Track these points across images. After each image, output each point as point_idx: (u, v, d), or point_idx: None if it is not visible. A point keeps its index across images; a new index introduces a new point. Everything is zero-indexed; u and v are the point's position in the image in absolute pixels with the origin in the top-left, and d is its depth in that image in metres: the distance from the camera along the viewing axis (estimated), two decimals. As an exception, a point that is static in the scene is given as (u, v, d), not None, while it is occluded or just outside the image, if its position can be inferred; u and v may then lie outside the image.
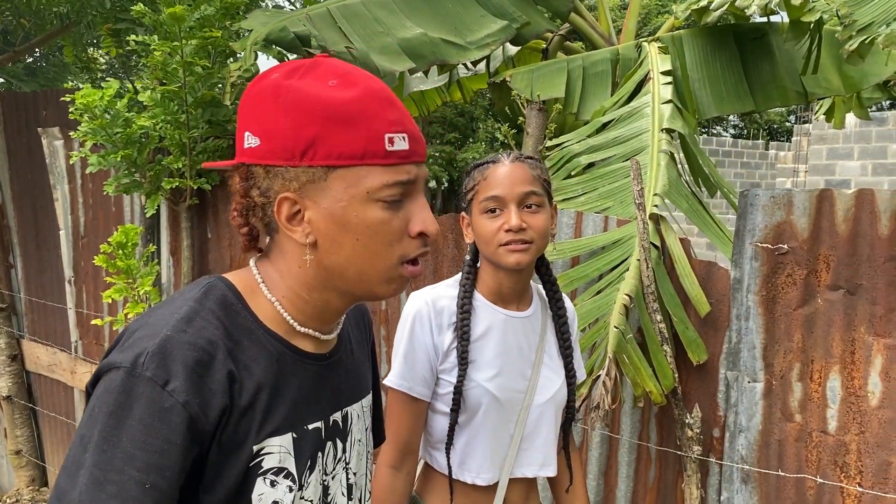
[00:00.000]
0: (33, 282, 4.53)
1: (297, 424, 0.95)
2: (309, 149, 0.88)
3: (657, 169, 2.34)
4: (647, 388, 1.96)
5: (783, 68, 3.30)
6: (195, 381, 0.85)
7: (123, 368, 0.85)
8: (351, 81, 0.90)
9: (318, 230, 0.91)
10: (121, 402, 0.83)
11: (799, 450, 1.99)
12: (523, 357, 1.58)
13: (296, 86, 0.89)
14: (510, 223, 1.47)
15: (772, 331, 2.01)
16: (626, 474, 2.31)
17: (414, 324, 1.53)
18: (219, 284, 0.94)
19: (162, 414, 0.83)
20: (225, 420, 0.88)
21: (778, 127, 20.34)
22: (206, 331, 0.88)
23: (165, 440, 0.83)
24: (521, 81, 3.02)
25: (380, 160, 0.89)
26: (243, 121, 0.93)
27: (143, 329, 0.88)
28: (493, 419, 1.54)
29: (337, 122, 0.88)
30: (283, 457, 0.93)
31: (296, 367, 0.96)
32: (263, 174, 0.91)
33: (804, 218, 1.95)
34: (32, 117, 4.39)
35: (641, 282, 2.02)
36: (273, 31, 2.70)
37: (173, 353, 0.85)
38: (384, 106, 0.90)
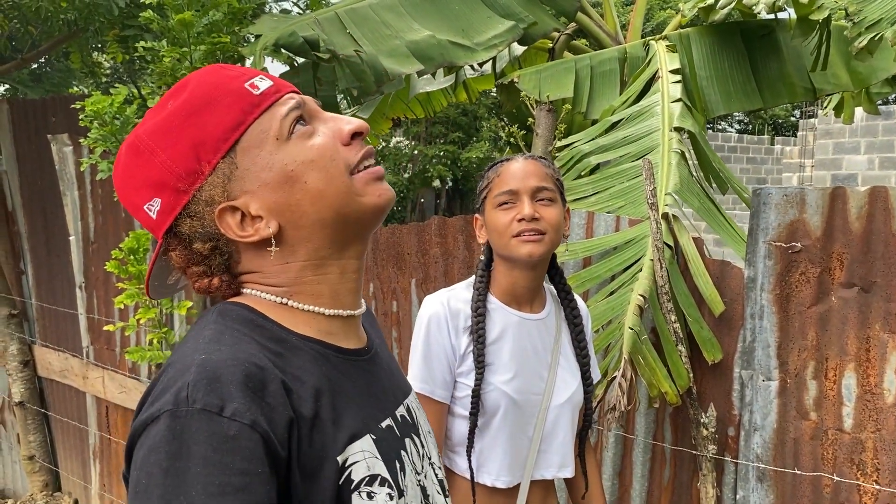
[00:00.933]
0: (44, 288, 4.55)
1: (370, 425, 0.85)
2: (198, 156, 0.82)
3: (668, 168, 2.34)
4: (663, 388, 1.96)
5: (791, 65, 3.29)
6: (252, 397, 0.73)
7: (164, 413, 0.72)
8: (182, 85, 0.86)
9: (270, 211, 0.83)
10: (174, 452, 0.70)
11: (815, 448, 1.99)
12: (539, 359, 1.58)
13: (143, 129, 0.84)
14: (523, 212, 1.49)
15: (786, 329, 2.01)
16: (641, 474, 2.31)
17: (430, 326, 1.54)
18: (229, 306, 0.86)
19: (230, 445, 0.70)
20: (296, 436, 0.76)
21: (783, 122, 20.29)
22: (241, 345, 0.79)
23: (243, 473, 0.70)
24: (529, 82, 3.02)
25: (259, 109, 0.84)
26: (133, 201, 0.86)
27: (169, 370, 0.77)
28: (511, 422, 1.54)
29: (195, 115, 0.82)
30: (371, 462, 0.82)
31: (343, 366, 0.87)
32: (188, 221, 0.84)
33: (817, 216, 1.95)
34: (42, 124, 4.41)
35: (655, 282, 2.02)
36: (282, 35, 2.70)
37: (218, 374, 0.73)
38: (222, 72, 0.86)
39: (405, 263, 2.79)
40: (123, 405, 3.90)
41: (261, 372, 0.76)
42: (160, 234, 0.85)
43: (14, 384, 4.52)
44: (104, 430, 4.12)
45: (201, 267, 0.86)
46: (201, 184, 0.83)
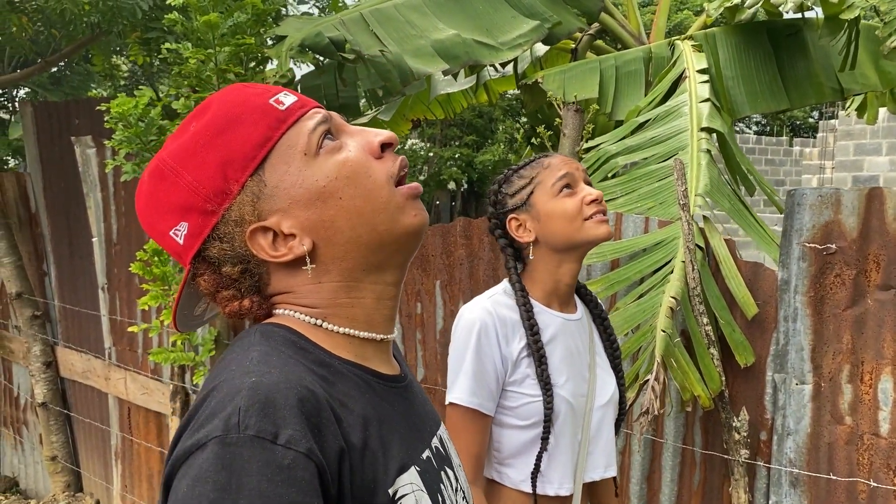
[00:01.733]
0: (67, 289, 4.58)
1: (414, 456, 0.82)
2: (227, 175, 0.79)
3: (698, 168, 2.31)
4: (696, 392, 1.93)
5: (818, 64, 3.25)
6: (307, 424, 0.69)
7: (213, 440, 0.66)
8: (204, 105, 0.83)
9: (304, 229, 0.80)
10: (224, 483, 0.65)
11: (850, 453, 1.96)
12: (582, 360, 1.56)
13: (167, 152, 0.82)
14: (592, 194, 1.49)
15: (820, 332, 1.98)
16: (671, 478, 2.28)
17: (480, 337, 1.47)
18: (270, 327, 0.81)
19: (285, 475, 0.66)
20: (347, 467, 0.72)
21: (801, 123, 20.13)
22: (290, 367, 0.74)
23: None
24: (554, 82, 3.00)
25: (285, 125, 0.81)
26: (159, 228, 0.83)
27: (216, 393, 0.71)
28: (569, 427, 1.51)
29: (223, 133, 0.80)
30: (419, 495, 0.79)
31: (385, 393, 0.83)
32: (217, 244, 0.81)
33: (853, 217, 1.92)
34: (65, 126, 4.44)
35: (687, 284, 1.99)
36: (308, 36, 2.70)
37: (271, 399, 0.68)
38: (245, 90, 0.83)
39: (430, 265, 2.78)
40: (145, 406, 3.92)
41: (313, 397, 0.72)
42: (188, 259, 0.82)
43: (37, 385, 4.55)
44: (126, 431, 4.13)
45: (231, 291, 0.83)
46: (230, 204, 0.80)
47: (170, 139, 0.84)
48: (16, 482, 5.26)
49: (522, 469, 1.51)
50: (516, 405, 1.49)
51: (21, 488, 5.22)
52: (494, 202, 1.59)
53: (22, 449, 5.17)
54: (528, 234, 1.54)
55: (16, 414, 5.18)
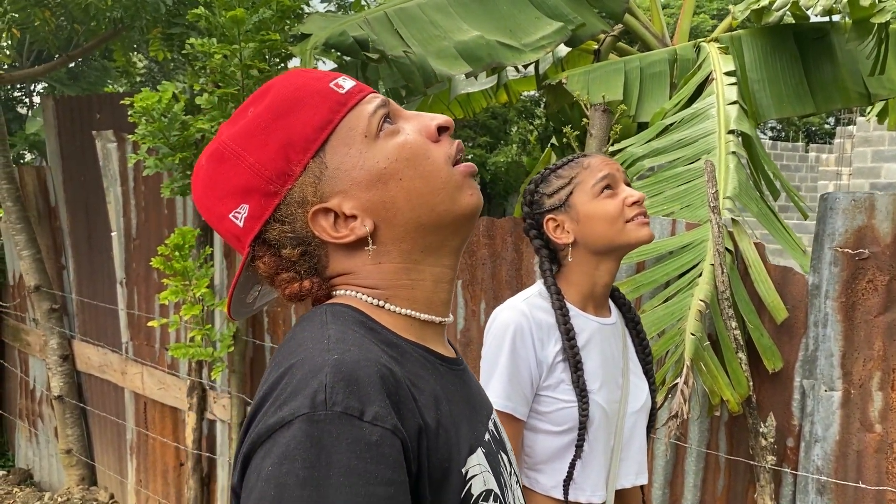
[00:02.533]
0: (85, 283, 4.59)
1: (479, 437, 0.82)
2: (289, 156, 0.80)
3: (726, 171, 2.29)
4: (725, 396, 1.91)
5: (845, 69, 3.22)
6: (391, 401, 0.69)
7: (299, 418, 0.66)
8: (263, 90, 0.84)
9: (365, 210, 0.81)
10: (312, 461, 0.64)
11: (879, 461, 1.93)
12: (615, 365, 1.54)
13: (227, 134, 0.82)
14: (634, 195, 1.46)
15: (851, 338, 1.95)
16: (694, 483, 2.26)
17: (515, 339, 1.44)
18: (339, 307, 0.81)
19: (373, 452, 0.65)
20: (425, 445, 0.72)
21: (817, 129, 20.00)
22: (367, 345, 0.74)
23: (388, 483, 0.66)
24: (577, 83, 2.99)
25: (346, 107, 0.81)
26: (218, 211, 0.83)
27: (294, 371, 0.70)
28: (603, 433, 1.49)
29: (285, 115, 0.81)
30: (486, 476, 0.79)
31: (448, 374, 0.83)
32: (277, 226, 0.81)
33: (887, 222, 1.89)
34: (86, 121, 4.46)
35: (716, 287, 1.97)
36: (332, 35, 2.70)
37: (356, 376, 0.68)
38: (305, 74, 0.84)
39: (451, 264, 2.77)
40: (161, 401, 3.92)
41: (392, 375, 0.72)
42: (247, 241, 0.82)
43: (53, 378, 4.57)
44: (141, 426, 4.14)
45: (291, 273, 0.83)
46: (292, 185, 0.80)
47: (226, 125, 0.85)
48: (30, 474, 5.28)
49: (554, 475, 1.49)
50: (550, 410, 1.46)
51: (35, 480, 5.24)
52: (531, 202, 1.55)
53: (37, 441, 5.20)
54: (567, 236, 1.50)
55: (31, 406, 5.21)
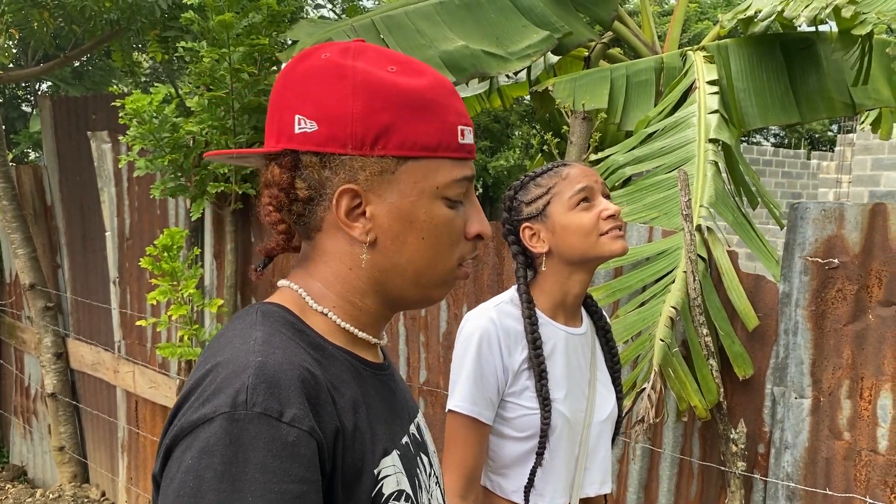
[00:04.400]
0: (79, 282, 4.63)
1: (395, 440, 0.86)
2: (381, 136, 0.80)
3: (704, 180, 2.31)
4: (693, 402, 1.94)
5: (830, 79, 3.24)
6: (308, 404, 0.72)
7: (220, 416, 0.69)
8: (415, 69, 0.84)
9: (379, 227, 0.83)
10: (230, 457, 0.67)
11: (847, 468, 1.95)
12: (582, 375, 1.55)
13: (361, 67, 0.81)
14: (610, 208, 1.47)
15: (821, 346, 1.98)
16: (668, 488, 2.28)
17: (482, 345, 1.46)
18: (270, 307, 0.84)
19: (289, 451, 0.69)
20: (341, 446, 0.75)
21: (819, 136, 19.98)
22: (292, 349, 0.77)
23: (302, 481, 0.69)
24: (564, 90, 3.01)
25: (451, 153, 0.83)
26: (290, 102, 0.82)
27: (220, 370, 0.73)
28: (566, 441, 1.50)
29: (413, 109, 0.80)
30: (399, 477, 0.83)
31: (371, 380, 0.87)
32: (318, 163, 0.81)
33: (856, 232, 1.92)
34: (83, 121, 4.51)
35: (688, 294, 2.00)
36: (319, 41, 2.73)
37: (277, 379, 0.71)
38: (453, 96, 0.85)
39: (435, 268, 2.80)
40: (153, 400, 3.96)
41: (314, 378, 0.75)
42: (283, 145, 0.82)
43: (47, 375, 4.61)
44: (133, 424, 4.18)
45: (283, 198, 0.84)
46: (358, 156, 0.80)
47: (372, 58, 0.83)
48: (24, 471, 5.32)
49: (515, 480, 1.51)
50: (514, 416, 1.48)
51: (29, 477, 5.28)
52: (509, 208, 1.56)
53: (31, 438, 5.24)
54: (542, 245, 1.52)
55: (26, 403, 5.25)
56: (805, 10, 2.81)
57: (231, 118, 2.99)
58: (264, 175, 0.85)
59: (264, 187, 0.86)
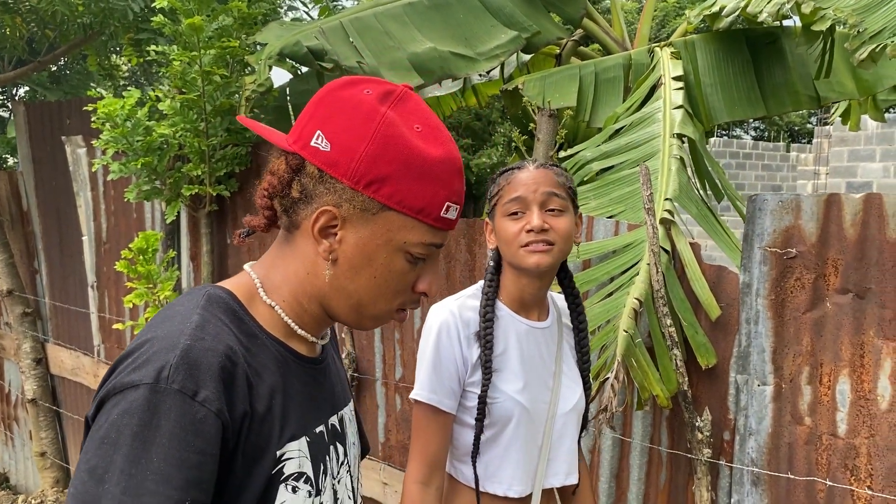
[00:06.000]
0: (57, 287, 4.62)
1: (308, 428, 0.96)
2: (376, 182, 0.90)
3: (668, 174, 2.36)
4: (654, 391, 1.98)
5: (796, 73, 3.30)
6: (223, 388, 0.84)
7: (144, 385, 0.81)
8: (436, 138, 0.94)
9: (343, 252, 0.93)
10: (146, 421, 0.80)
11: (809, 453, 2.00)
12: (545, 367, 1.59)
13: (390, 118, 0.91)
14: (532, 223, 1.48)
15: (781, 334, 2.02)
16: (638, 477, 2.32)
17: (440, 335, 1.52)
18: (218, 292, 0.95)
19: (195, 426, 0.81)
20: (246, 427, 0.87)
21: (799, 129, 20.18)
22: (222, 336, 0.88)
23: (201, 452, 0.81)
24: (533, 88, 3.05)
25: (429, 221, 0.93)
26: (320, 118, 0.93)
27: (154, 343, 0.85)
28: (524, 431, 1.54)
29: (415, 173, 0.91)
30: (302, 461, 0.93)
31: (297, 371, 0.97)
32: (317, 177, 0.92)
33: (812, 222, 1.97)
34: (57, 126, 4.49)
35: (651, 286, 2.04)
36: (287, 45, 2.75)
37: (198, 362, 0.83)
38: (456, 175, 0.95)
39: (408, 266, 2.83)
40: (133, 403, 3.95)
41: (233, 367, 0.86)
42: (298, 148, 0.93)
43: (27, 381, 4.60)
44: (114, 428, 4.17)
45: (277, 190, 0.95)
46: (350, 188, 0.91)
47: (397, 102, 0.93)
48: (6, 478, 5.30)
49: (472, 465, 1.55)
50: (472, 405, 1.53)
51: (11, 484, 5.26)
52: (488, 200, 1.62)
53: (13, 445, 5.22)
54: (492, 242, 1.58)
55: (7, 410, 5.23)
56: (768, 6, 2.86)
57: (203, 121, 3.00)
58: (273, 163, 0.97)
59: (268, 173, 0.97)
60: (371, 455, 3.02)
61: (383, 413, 3.00)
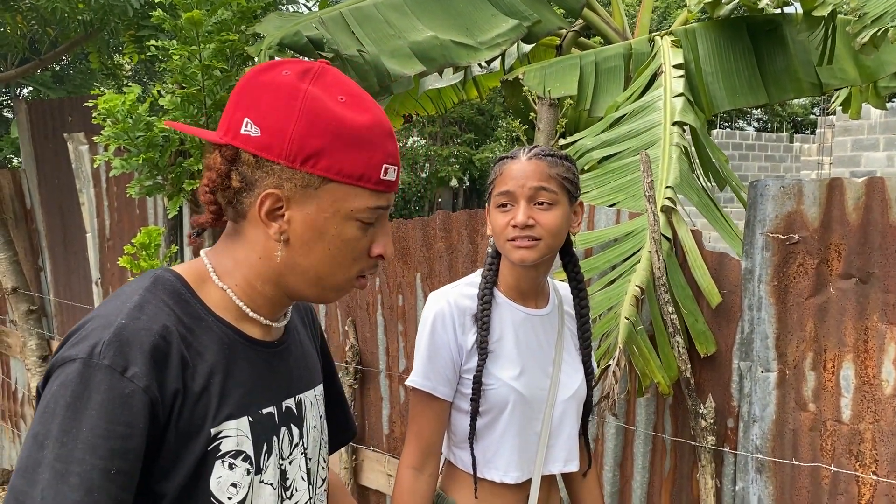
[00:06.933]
0: (62, 284, 4.64)
1: (252, 408, 0.98)
2: (311, 157, 0.92)
3: (669, 162, 2.35)
4: (656, 379, 1.98)
5: (797, 59, 3.28)
6: (153, 366, 0.88)
7: (79, 360, 0.86)
8: (361, 105, 0.95)
9: (293, 231, 0.95)
10: (79, 393, 0.85)
11: (813, 439, 2.00)
12: (544, 354, 1.58)
13: (312, 93, 0.92)
14: (516, 219, 1.47)
15: (784, 320, 2.02)
16: (642, 465, 2.32)
17: (436, 323, 1.53)
18: (166, 275, 0.98)
19: (123, 400, 0.85)
20: (179, 405, 0.90)
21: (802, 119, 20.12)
22: (159, 317, 0.91)
23: (127, 425, 0.85)
24: (534, 79, 3.04)
25: (371, 185, 0.95)
26: (244, 105, 0.94)
27: (95, 321, 0.90)
28: (520, 417, 1.54)
29: (347, 141, 0.92)
30: (241, 440, 0.96)
31: (246, 353, 0.99)
32: (253, 163, 0.93)
33: (814, 207, 1.96)
34: (59, 123, 4.51)
35: (653, 273, 2.04)
36: (287, 35, 2.74)
37: (130, 340, 0.88)
38: (387, 138, 0.97)
39: (410, 258, 2.83)
40: (138, 399, 3.97)
41: (166, 346, 0.90)
42: (228, 139, 0.94)
43: (33, 379, 4.61)
44: (120, 424, 4.19)
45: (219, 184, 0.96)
46: (288, 167, 0.92)
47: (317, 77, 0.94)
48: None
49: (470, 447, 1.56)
50: (469, 391, 1.53)
51: (19, 481, 5.28)
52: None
53: (20, 442, 5.24)
54: (489, 228, 1.57)
55: (13, 408, 5.25)
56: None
57: (204, 115, 3.00)
58: (207, 159, 0.98)
59: (206, 169, 0.98)
60: (375, 447, 3.03)
61: (387, 405, 3.00)
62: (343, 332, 3.10)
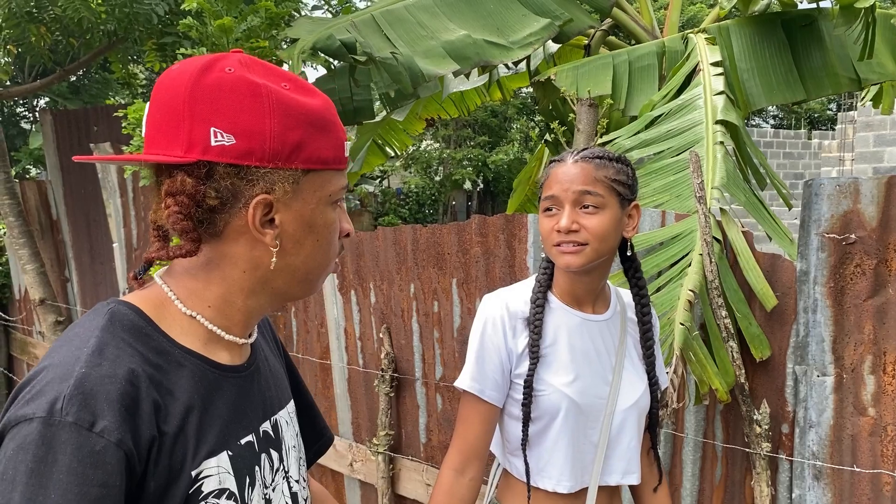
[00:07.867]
0: (89, 294, 4.63)
1: (230, 441, 0.91)
2: (294, 152, 0.87)
3: (714, 161, 2.30)
4: (714, 385, 1.92)
5: (834, 55, 3.22)
6: (124, 416, 0.78)
7: (38, 419, 0.76)
8: (306, 88, 0.91)
9: (285, 233, 0.90)
10: (41, 457, 0.75)
11: (873, 444, 1.94)
12: (603, 361, 1.53)
13: (268, 86, 0.86)
14: (560, 224, 1.44)
15: (841, 323, 1.96)
16: (692, 473, 2.27)
17: (486, 326, 1.50)
18: (121, 309, 0.88)
19: (94, 459, 0.76)
20: (156, 452, 0.82)
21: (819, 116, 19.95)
22: (122, 360, 0.82)
23: (102, 485, 0.76)
24: (567, 79, 3.00)
25: (339, 165, 0.93)
26: (202, 115, 0.84)
27: (49, 372, 0.80)
28: (574, 425, 1.50)
29: (318, 127, 0.89)
30: (223, 477, 0.89)
31: (219, 383, 0.92)
32: (233, 174, 0.86)
33: (872, 206, 1.90)
34: (84, 134, 4.51)
35: (705, 277, 1.98)
36: (320, 39, 2.72)
37: (94, 391, 0.78)
38: (336, 115, 0.94)
39: (446, 263, 2.79)
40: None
41: (135, 391, 0.81)
42: (198, 156, 0.84)
43: (61, 390, 4.61)
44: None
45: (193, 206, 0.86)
46: (273, 168, 0.87)
47: (264, 76, 0.88)
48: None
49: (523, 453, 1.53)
50: (520, 397, 1.50)
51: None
52: None
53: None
54: None
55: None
56: (806, -13, 2.79)
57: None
58: (169, 184, 0.86)
59: (168, 195, 0.86)
60: (413, 456, 2.99)
61: (424, 413, 2.96)
62: (378, 339, 3.07)
